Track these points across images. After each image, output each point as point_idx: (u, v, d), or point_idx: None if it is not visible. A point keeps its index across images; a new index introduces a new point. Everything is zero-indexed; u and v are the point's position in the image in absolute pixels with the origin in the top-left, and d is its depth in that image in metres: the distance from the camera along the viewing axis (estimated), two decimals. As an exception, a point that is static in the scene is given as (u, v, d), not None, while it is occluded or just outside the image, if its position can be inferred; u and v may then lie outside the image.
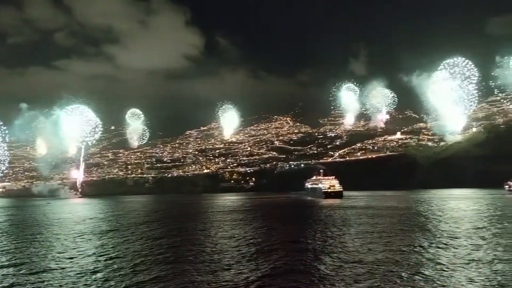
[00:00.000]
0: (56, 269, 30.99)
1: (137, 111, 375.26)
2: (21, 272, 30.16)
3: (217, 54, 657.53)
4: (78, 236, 50.51)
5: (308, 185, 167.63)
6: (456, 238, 41.61)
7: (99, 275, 28.68)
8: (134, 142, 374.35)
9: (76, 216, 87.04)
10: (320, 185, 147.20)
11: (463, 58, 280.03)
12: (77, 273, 29.26)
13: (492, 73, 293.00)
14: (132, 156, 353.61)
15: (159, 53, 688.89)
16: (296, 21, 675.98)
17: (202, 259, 33.64)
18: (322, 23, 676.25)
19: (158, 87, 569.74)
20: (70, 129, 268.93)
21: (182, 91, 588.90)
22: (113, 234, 52.20)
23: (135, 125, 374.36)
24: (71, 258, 35.43)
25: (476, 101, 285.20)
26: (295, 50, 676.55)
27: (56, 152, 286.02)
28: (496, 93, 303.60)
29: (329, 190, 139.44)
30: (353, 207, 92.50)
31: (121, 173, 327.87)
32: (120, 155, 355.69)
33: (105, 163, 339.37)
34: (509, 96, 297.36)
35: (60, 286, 26.28)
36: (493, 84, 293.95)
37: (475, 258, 31.43)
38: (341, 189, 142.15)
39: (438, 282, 24.63)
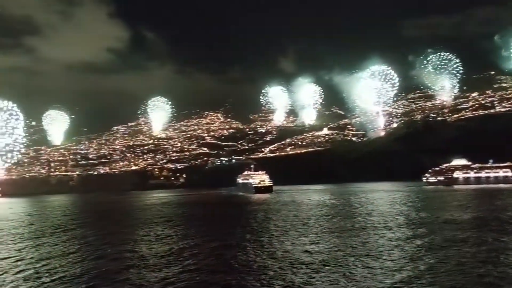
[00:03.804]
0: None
1: (60, 105, 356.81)
2: None
3: (144, 48, 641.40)
4: None
5: (239, 180, 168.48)
6: (363, 229, 43.72)
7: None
8: (57, 139, 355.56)
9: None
10: (250, 180, 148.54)
11: (382, 58, 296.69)
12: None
13: (411, 72, 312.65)
14: (55, 153, 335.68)
15: (82, 46, 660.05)
16: (225, 17, 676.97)
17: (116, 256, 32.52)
18: (253, 21, 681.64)
19: (82, 81, 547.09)
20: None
21: (107, 85, 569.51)
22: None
23: (58, 120, 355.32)
24: None
25: (396, 99, 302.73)
26: (224, 47, 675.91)
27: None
28: (414, 91, 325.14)
29: (259, 185, 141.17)
30: (279, 202, 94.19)
31: (43, 171, 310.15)
32: (42, 152, 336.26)
33: (26, 161, 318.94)
34: (425, 94, 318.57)
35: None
36: (412, 82, 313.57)
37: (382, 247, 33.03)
38: (271, 184, 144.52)
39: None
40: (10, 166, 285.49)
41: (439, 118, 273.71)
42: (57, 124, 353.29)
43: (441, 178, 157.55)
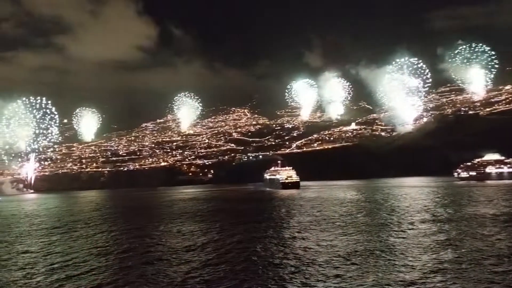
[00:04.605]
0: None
1: (91, 103, 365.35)
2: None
3: (171, 45, 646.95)
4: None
5: (267, 176, 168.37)
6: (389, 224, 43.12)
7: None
8: (88, 135, 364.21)
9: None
10: (278, 176, 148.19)
11: (410, 51, 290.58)
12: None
13: (441, 65, 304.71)
14: (87, 150, 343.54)
15: (111, 44, 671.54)
16: (251, 12, 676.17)
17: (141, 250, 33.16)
18: (277, 14, 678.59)
19: (111, 79, 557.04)
20: (23, 121, 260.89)
21: (136, 82, 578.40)
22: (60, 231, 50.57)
23: (89, 118, 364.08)
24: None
25: (425, 93, 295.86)
26: (250, 42, 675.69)
27: (4, 146, 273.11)
28: (445, 84, 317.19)
29: (286, 181, 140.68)
30: (303, 198, 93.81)
31: (75, 167, 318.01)
32: (74, 149, 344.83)
33: (58, 157, 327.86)
34: (456, 87, 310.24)
35: None
36: (442, 76, 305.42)
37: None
38: (298, 180, 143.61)
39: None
40: (43, 163, 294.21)
41: (470, 112, 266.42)
42: (88, 122, 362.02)
43: (473, 173, 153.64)
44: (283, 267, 26.86)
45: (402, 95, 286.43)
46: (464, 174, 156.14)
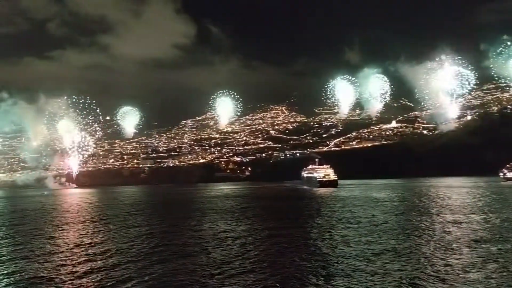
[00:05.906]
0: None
1: (132, 101, 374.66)
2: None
3: (209, 43, 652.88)
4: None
5: (304, 174, 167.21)
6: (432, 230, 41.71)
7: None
8: (130, 132, 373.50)
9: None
10: (315, 174, 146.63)
11: (452, 46, 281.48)
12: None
13: (485, 61, 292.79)
14: (128, 146, 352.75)
15: (151, 43, 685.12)
16: (289, 9, 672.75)
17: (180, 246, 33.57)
18: (316, 11, 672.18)
19: (151, 77, 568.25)
20: (70, 118, 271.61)
21: (175, 80, 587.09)
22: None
23: (130, 115, 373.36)
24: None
25: (469, 90, 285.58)
26: (288, 39, 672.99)
27: (49, 142, 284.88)
28: (490, 81, 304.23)
29: (324, 179, 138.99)
30: (337, 197, 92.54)
31: (117, 163, 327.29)
32: (116, 145, 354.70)
33: (101, 153, 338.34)
34: (503, 84, 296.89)
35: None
36: (487, 72, 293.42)
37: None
38: (336, 178, 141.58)
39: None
40: (86, 159, 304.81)
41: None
42: (129, 119, 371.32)
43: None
44: (309, 264, 26.55)
45: (445, 92, 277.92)
46: (510, 174, 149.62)
